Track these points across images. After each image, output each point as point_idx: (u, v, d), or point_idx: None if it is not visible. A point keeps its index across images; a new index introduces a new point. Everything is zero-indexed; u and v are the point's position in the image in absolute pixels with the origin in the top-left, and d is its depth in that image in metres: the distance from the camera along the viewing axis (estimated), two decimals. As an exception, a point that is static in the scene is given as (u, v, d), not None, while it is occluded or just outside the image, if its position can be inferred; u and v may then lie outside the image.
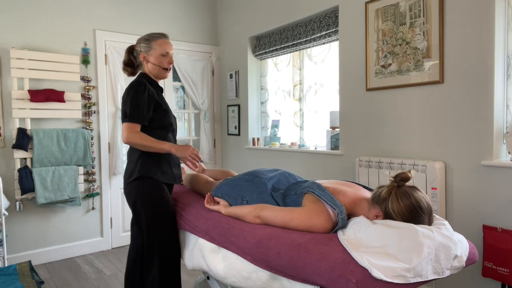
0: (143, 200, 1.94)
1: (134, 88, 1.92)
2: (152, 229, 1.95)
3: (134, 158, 1.98)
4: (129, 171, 1.99)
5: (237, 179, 1.94)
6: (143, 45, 2.04)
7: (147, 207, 1.94)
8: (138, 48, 2.07)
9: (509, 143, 2.10)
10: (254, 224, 1.63)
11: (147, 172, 1.95)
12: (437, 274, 1.26)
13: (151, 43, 2.03)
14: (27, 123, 3.22)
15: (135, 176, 1.94)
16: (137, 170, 1.95)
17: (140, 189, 1.95)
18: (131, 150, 2.03)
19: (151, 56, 2.03)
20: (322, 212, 1.49)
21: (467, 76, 2.28)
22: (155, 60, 2.03)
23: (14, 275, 2.46)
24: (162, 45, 2.03)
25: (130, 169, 1.99)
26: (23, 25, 3.26)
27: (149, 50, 2.03)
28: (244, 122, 4.17)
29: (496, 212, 2.18)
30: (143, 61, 2.05)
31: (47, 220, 3.41)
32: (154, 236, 1.94)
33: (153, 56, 2.02)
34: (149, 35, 2.05)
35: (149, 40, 2.03)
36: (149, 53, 2.03)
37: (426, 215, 1.42)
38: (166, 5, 4.09)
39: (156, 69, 2.05)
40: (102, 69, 3.67)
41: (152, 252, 1.96)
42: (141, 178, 1.95)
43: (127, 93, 1.93)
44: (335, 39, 3.18)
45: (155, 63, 2.03)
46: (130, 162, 2.01)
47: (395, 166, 2.54)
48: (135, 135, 1.88)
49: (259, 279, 1.51)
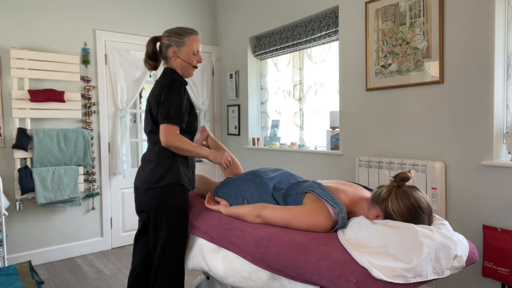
0: (171, 208, 1.83)
1: (176, 87, 1.79)
2: (172, 241, 1.85)
3: (166, 162, 1.85)
4: (158, 175, 1.84)
5: (238, 179, 1.93)
6: (174, 39, 1.89)
7: (173, 217, 1.84)
8: (167, 41, 1.90)
9: (509, 143, 2.10)
10: (254, 224, 1.63)
11: (180, 179, 1.84)
12: (437, 274, 1.26)
13: (184, 39, 1.89)
14: (27, 123, 3.22)
15: (166, 182, 1.82)
16: (169, 176, 1.83)
17: (171, 196, 1.83)
18: (161, 152, 1.87)
19: (182, 52, 1.89)
20: (323, 210, 1.49)
21: (467, 76, 2.28)
22: (186, 57, 1.90)
23: (14, 275, 2.46)
24: (195, 42, 1.91)
25: (160, 172, 1.83)
26: (23, 25, 3.26)
27: (181, 45, 1.89)
28: (244, 122, 4.17)
29: (496, 212, 2.18)
30: (172, 56, 1.91)
31: (47, 220, 3.41)
32: (171, 247, 1.85)
33: (184, 52, 1.89)
34: (181, 29, 1.90)
35: (181, 35, 1.89)
36: (180, 49, 1.89)
37: (426, 215, 1.42)
38: (166, 5, 4.09)
39: (186, 66, 1.92)
40: (102, 69, 3.67)
41: (164, 263, 1.86)
42: (173, 184, 1.83)
43: (169, 92, 1.78)
44: (335, 39, 3.18)
45: (186, 60, 1.90)
46: (159, 165, 1.85)
47: (395, 166, 2.54)
48: (177, 138, 1.77)
49: (259, 279, 1.51)
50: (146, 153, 1.95)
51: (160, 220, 1.85)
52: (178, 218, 1.86)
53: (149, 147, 1.94)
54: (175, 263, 1.88)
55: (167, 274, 1.86)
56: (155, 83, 1.94)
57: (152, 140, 1.91)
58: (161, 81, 1.85)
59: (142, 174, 1.90)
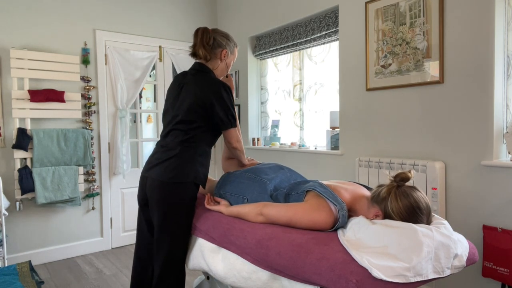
0: (183, 206, 1.81)
1: (229, 90, 1.85)
2: (180, 239, 1.83)
3: (192, 158, 1.81)
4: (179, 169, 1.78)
5: (239, 176, 1.93)
6: (229, 43, 1.95)
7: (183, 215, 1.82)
8: (222, 41, 1.93)
9: (509, 143, 2.11)
10: (254, 224, 1.63)
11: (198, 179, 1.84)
12: (437, 273, 1.26)
13: (234, 48, 1.99)
14: (27, 123, 3.22)
15: (186, 179, 1.79)
16: (191, 174, 1.80)
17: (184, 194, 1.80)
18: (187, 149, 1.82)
19: (229, 58, 1.97)
20: (324, 207, 1.49)
21: (467, 76, 2.28)
22: (229, 64, 2.00)
23: (14, 275, 2.46)
24: (236, 55, 2.04)
25: (183, 168, 1.78)
26: (23, 25, 3.26)
27: (231, 52, 1.98)
28: (244, 122, 4.17)
29: (496, 212, 2.18)
30: (222, 57, 1.94)
31: (47, 220, 3.41)
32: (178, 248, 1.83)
33: (230, 59, 1.98)
34: (232, 38, 1.99)
35: (235, 45, 2.00)
36: (229, 56, 1.97)
37: (425, 216, 1.42)
38: (166, 5, 4.09)
39: (225, 71, 2.00)
40: (102, 69, 3.67)
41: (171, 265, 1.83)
42: (190, 183, 1.81)
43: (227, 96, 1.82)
44: (335, 39, 3.18)
45: (229, 66, 2.00)
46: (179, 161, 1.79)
47: (395, 166, 2.54)
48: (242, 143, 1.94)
49: (259, 279, 1.51)
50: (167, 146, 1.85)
51: (170, 217, 1.79)
52: (186, 217, 1.84)
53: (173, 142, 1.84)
54: (180, 264, 1.87)
55: (174, 275, 1.84)
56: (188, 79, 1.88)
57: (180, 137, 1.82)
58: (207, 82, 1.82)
59: (158, 167, 1.81)
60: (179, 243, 1.84)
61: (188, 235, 1.89)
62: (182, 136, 1.82)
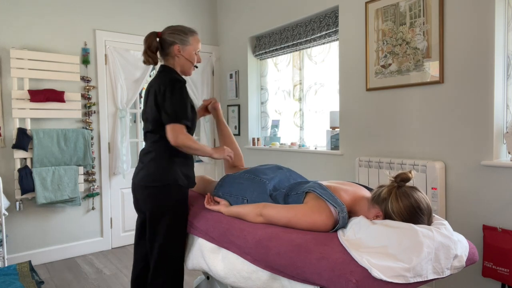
0: (168, 209, 1.82)
1: (178, 85, 1.80)
2: (171, 241, 1.84)
3: (164, 160, 1.84)
4: (157, 174, 1.82)
5: (238, 177, 1.93)
6: (179, 37, 1.90)
7: (171, 218, 1.83)
8: (171, 38, 1.90)
9: (509, 143, 2.10)
10: (254, 224, 1.63)
11: (179, 180, 1.84)
12: (437, 274, 1.26)
13: (188, 37, 1.91)
14: (27, 123, 3.22)
15: (164, 182, 1.81)
16: (168, 176, 1.81)
17: (170, 197, 1.82)
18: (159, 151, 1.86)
19: (186, 51, 1.91)
20: (324, 209, 1.49)
21: (467, 76, 2.28)
22: (189, 56, 1.92)
23: (14, 275, 2.46)
24: (198, 42, 1.96)
25: (158, 172, 1.82)
26: (23, 25, 3.26)
27: (186, 44, 1.91)
28: (244, 122, 4.17)
29: (496, 212, 2.18)
30: (176, 54, 1.91)
31: (47, 220, 3.41)
32: (170, 248, 1.84)
33: (188, 51, 1.92)
34: (184, 28, 1.92)
35: (186, 34, 1.91)
36: (185, 47, 1.91)
37: (426, 216, 1.42)
38: (166, 5, 4.09)
39: (187, 65, 1.94)
40: (102, 69, 3.67)
41: (163, 264, 1.85)
42: (171, 185, 1.82)
43: (172, 91, 1.78)
44: (335, 39, 3.18)
45: (189, 58, 1.93)
46: (157, 165, 1.83)
47: (395, 166, 2.54)
48: (186, 137, 1.77)
49: (259, 279, 1.51)
50: (144, 150, 1.93)
51: (157, 220, 1.84)
52: (175, 219, 1.85)
53: (147, 145, 1.93)
54: (173, 266, 1.87)
55: (164, 277, 1.85)
56: (151, 81, 1.92)
57: (151, 139, 1.89)
58: (161, 80, 1.83)
59: (140, 172, 1.88)
60: (171, 244, 1.85)
61: (182, 236, 1.89)
62: (154, 137, 1.88)
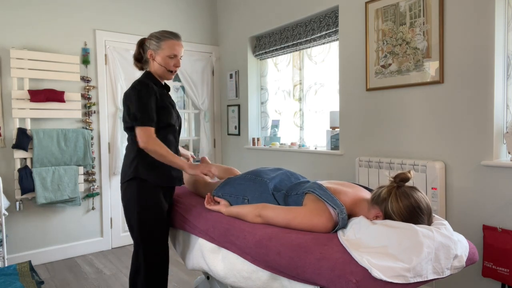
0: (133, 204, 1.89)
1: (137, 89, 1.86)
2: (141, 234, 1.89)
3: (130, 158, 1.92)
4: (123, 171, 1.94)
5: (239, 178, 1.93)
6: (153, 43, 1.96)
7: (137, 211, 1.89)
8: (147, 43, 1.98)
9: (509, 143, 2.10)
10: (254, 224, 1.63)
11: (141, 174, 1.88)
12: (437, 274, 1.26)
13: (160, 43, 1.94)
14: (27, 123, 3.22)
15: (128, 178, 1.89)
16: (131, 171, 1.89)
17: (132, 192, 1.89)
18: (128, 149, 1.97)
19: (158, 56, 1.95)
20: (323, 211, 1.49)
21: (467, 76, 2.28)
22: (162, 61, 1.95)
23: (14, 275, 2.46)
24: (172, 46, 1.95)
25: (126, 169, 1.93)
26: (23, 25, 3.26)
27: (158, 49, 1.95)
28: (244, 122, 4.17)
29: (496, 212, 2.18)
30: (149, 59, 1.98)
31: (47, 220, 3.41)
32: (142, 242, 1.90)
33: (160, 56, 1.95)
34: (160, 33, 1.96)
35: (159, 39, 1.95)
36: (157, 52, 1.95)
37: (426, 216, 1.42)
38: (166, 5, 4.09)
39: (161, 69, 1.97)
40: (102, 69, 3.67)
41: (139, 258, 1.92)
42: (134, 179, 1.89)
43: (132, 95, 1.85)
44: (335, 39, 3.18)
45: (161, 63, 1.95)
46: (126, 162, 1.95)
47: (395, 166, 2.54)
48: (154, 142, 1.80)
49: (259, 279, 1.51)
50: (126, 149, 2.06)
51: (128, 216, 1.94)
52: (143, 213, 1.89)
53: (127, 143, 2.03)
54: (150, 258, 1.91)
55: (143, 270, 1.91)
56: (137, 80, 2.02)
57: (127, 133, 1.98)
58: (132, 83, 1.94)
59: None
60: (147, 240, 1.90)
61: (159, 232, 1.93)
62: (128, 137, 1.98)
